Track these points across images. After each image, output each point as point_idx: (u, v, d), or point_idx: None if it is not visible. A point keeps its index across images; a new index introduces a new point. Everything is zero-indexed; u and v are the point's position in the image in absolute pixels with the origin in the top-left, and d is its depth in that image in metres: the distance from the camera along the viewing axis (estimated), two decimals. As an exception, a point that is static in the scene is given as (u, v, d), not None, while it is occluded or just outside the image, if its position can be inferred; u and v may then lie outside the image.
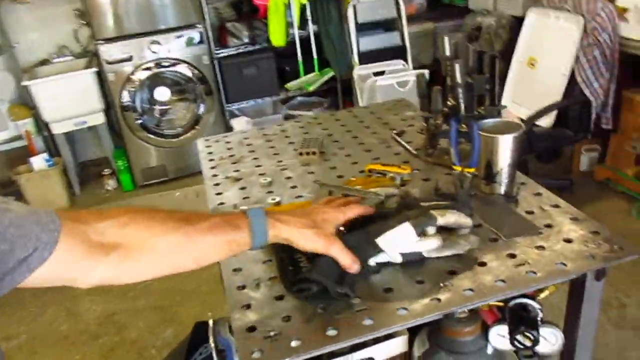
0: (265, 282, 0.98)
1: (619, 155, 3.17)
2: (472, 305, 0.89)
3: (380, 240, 0.94)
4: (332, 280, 0.89)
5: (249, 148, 1.59)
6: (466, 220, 0.98)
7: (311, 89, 4.03)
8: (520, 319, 1.00)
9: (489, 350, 1.09)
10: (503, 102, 3.41)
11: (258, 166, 1.46)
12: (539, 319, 1.00)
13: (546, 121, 3.02)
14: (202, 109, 3.94)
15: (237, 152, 1.57)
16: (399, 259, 0.95)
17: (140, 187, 3.98)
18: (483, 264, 0.96)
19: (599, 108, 2.98)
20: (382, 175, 1.29)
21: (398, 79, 3.55)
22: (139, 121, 3.81)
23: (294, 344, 0.83)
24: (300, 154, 1.47)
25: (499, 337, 1.05)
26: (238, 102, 4.09)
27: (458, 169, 1.10)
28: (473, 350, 1.09)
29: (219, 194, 1.34)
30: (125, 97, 3.70)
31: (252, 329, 0.87)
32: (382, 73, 3.77)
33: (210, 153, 1.58)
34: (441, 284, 0.91)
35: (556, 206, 1.12)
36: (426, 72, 3.63)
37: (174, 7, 3.68)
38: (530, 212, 1.10)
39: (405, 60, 3.90)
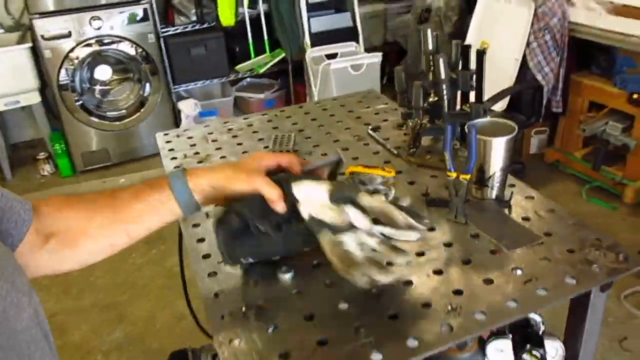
0: (253, 309, 0.88)
1: (567, 138, 3.23)
2: (485, 330, 0.83)
3: (296, 187, 0.85)
4: (255, 215, 0.85)
5: (214, 145, 1.46)
6: (405, 234, 0.83)
7: (262, 70, 3.88)
8: (523, 335, 0.95)
9: (486, 365, 1.04)
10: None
11: (227, 165, 1.35)
12: (541, 333, 0.96)
13: (499, 106, 3.02)
14: (147, 89, 3.72)
15: (201, 149, 1.45)
16: (305, 216, 0.85)
17: (81, 172, 3.74)
18: (490, 281, 0.90)
19: (549, 92, 3.01)
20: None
21: (352, 62, 3.47)
22: (79, 102, 3.56)
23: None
24: (274, 152, 1.37)
25: (497, 352, 1.00)
26: (185, 83, 3.89)
27: (453, 175, 1.03)
28: (469, 365, 1.04)
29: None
30: (63, 76, 3.44)
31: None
32: (334, 55, 3.68)
33: (171, 150, 1.45)
34: (449, 307, 0.85)
35: (551, 211, 1.07)
36: (379, 55, 3.60)
37: (117, -20, 3.43)
38: (527, 219, 1.05)
39: (357, 41, 3.82)
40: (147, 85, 3.71)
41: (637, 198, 2.77)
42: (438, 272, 0.93)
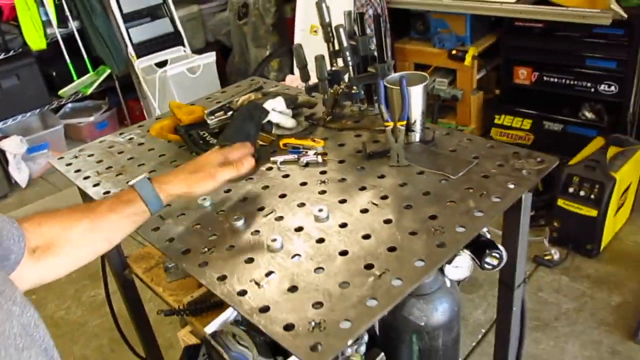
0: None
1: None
2: (469, 239, 0.96)
3: (266, 105, 1.31)
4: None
5: (123, 156, 1.41)
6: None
7: (89, 91, 3.65)
8: (478, 245, 1.09)
9: (448, 284, 1.18)
10: (295, 73, 3.56)
11: (152, 171, 1.32)
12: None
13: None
14: (-43, 136, 3.31)
15: (113, 162, 1.38)
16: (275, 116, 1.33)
17: None
18: (453, 202, 1.03)
19: (379, 63, 3.29)
20: (298, 149, 1.28)
21: (187, 66, 3.44)
22: None
23: (343, 325, 0.80)
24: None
25: (454, 269, 1.12)
26: (2, 120, 3.51)
27: (390, 124, 1.15)
28: (435, 289, 1.16)
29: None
30: None
31: (288, 327, 0.81)
32: (164, 63, 3.61)
33: (79, 171, 1.36)
34: (432, 230, 0.97)
35: (469, 140, 1.25)
36: (213, 54, 3.61)
37: None
38: (454, 150, 1.21)
39: (183, 45, 3.79)
40: (-43, 130, 3.30)
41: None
42: (407, 207, 1.05)
